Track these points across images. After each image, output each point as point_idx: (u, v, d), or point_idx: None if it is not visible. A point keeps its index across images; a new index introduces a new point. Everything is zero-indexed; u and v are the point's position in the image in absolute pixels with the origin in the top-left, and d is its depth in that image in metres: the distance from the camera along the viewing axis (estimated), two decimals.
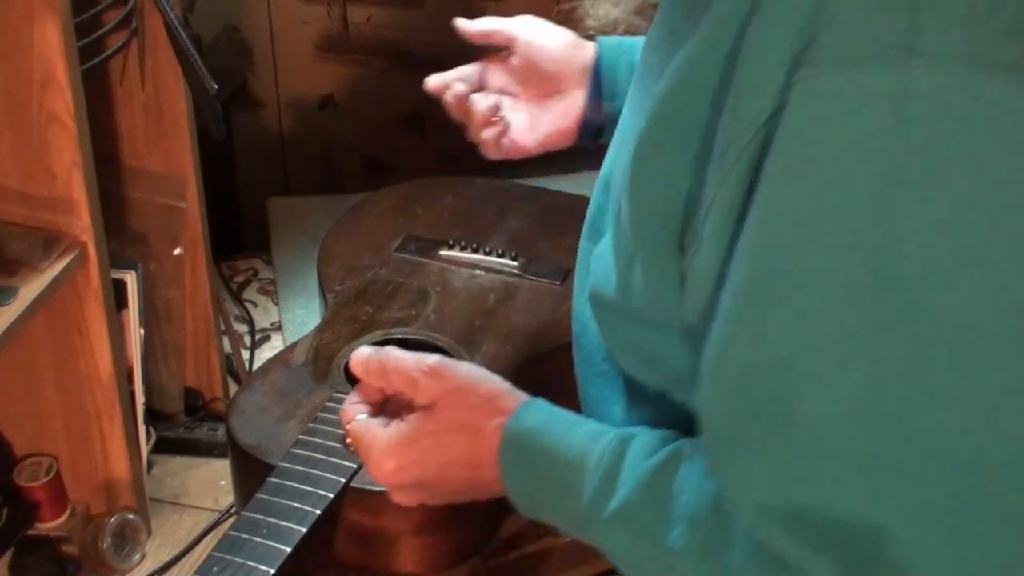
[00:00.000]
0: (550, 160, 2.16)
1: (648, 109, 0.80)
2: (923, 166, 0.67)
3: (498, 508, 1.30)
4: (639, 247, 0.83)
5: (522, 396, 0.97)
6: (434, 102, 1.30)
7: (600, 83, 1.22)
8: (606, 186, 1.02)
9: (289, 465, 1.23)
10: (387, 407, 1.01)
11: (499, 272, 1.55)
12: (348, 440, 1.01)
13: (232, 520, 1.22)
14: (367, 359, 1.00)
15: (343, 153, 2.50)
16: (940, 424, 0.69)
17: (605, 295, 0.92)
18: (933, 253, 0.67)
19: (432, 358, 0.98)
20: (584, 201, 1.76)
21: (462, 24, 1.27)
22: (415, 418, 0.97)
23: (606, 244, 0.94)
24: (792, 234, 0.71)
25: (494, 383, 0.97)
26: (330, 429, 1.28)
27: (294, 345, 1.44)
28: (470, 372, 0.98)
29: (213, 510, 1.67)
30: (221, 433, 1.73)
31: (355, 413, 1.00)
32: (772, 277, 0.72)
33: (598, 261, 0.95)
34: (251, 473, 1.28)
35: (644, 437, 0.88)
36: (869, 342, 0.69)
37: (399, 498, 1.00)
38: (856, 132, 0.68)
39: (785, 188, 0.71)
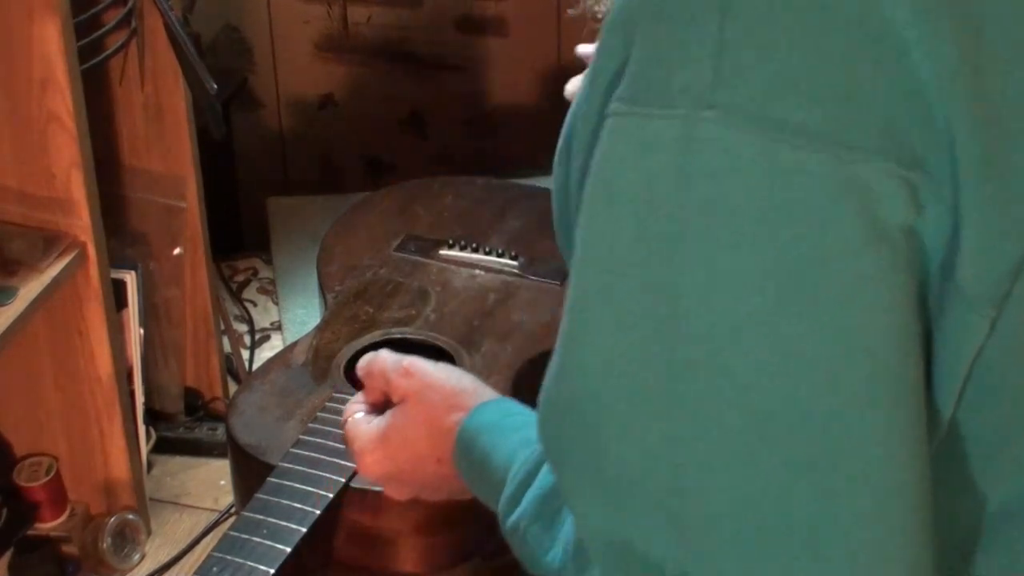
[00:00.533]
0: (549, 160, 2.14)
1: None
2: (705, 223, 0.64)
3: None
4: None
5: (486, 395, 0.98)
6: (434, 102, 1.30)
7: None
8: None
9: (289, 465, 1.23)
10: (387, 408, 1.03)
11: (499, 272, 1.55)
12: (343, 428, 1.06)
13: (232, 520, 1.22)
14: (365, 362, 1.04)
15: (343, 153, 2.50)
16: (726, 485, 0.66)
17: None
18: (713, 313, 0.65)
19: (407, 359, 1.01)
20: None
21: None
22: (388, 414, 1.01)
23: None
24: (592, 272, 0.69)
25: (460, 381, 1.00)
26: (330, 429, 1.28)
27: (294, 345, 1.45)
28: (439, 370, 1.01)
29: (213, 510, 1.67)
30: (221, 433, 1.73)
31: (352, 412, 1.04)
32: (581, 312, 0.70)
33: None
34: (251, 473, 1.28)
35: None
36: (660, 394, 0.67)
37: (389, 492, 1.04)
38: (642, 177, 0.66)
39: (590, 223, 0.69)
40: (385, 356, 1.03)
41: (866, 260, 0.64)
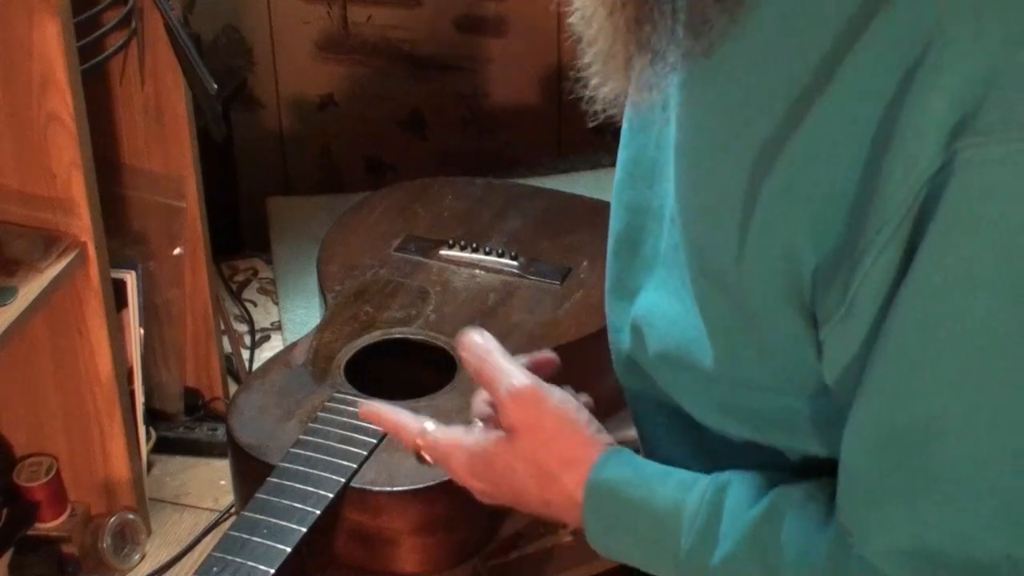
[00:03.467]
0: (549, 160, 2.15)
1: (753, 176, 0.79)
2: None
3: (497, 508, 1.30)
4: (758, 322, 0.84)
5: (603, 441, 0.96)
6: (434, 102, 1.30)
7: None
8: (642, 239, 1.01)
9: (289, 465, 1.23)
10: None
11: (499, 272, 1.55)
12: (421, 446, 1.03)
13: (232, 520, 1.22)
14: (474, 355, 1.00)
15: (343, 153, 2.50)
16: None
17: (689, 360, 0.92)
18: None
19: (523, 381, 0.97)
20: (583, 201, 1.76)
21: None
22: (495, 439, 0.98)
23: (670, 306, 0.94)
24: (952, 297, 0.72)
25: (576, 426, 0.96)
26: (330, 429, 1.28)
27: (294, 345, 1.45)
28: (555, 408, 0.97)
29: (213, 510, 1.67)
30: (221, 433, 1.73)
31: (421, 422, 1.03)
32: (926, 338, 0.74)
33: (659, 321, 0.96)
34: (251, 473, 1.28)
35: (741, 486, 0.89)
36: (1017, 392, 0.72)
37: (481, 499, 1.03)
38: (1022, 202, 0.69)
39: (945, 256, 0.71)
40: (497, 365, 0.98)
41: None
